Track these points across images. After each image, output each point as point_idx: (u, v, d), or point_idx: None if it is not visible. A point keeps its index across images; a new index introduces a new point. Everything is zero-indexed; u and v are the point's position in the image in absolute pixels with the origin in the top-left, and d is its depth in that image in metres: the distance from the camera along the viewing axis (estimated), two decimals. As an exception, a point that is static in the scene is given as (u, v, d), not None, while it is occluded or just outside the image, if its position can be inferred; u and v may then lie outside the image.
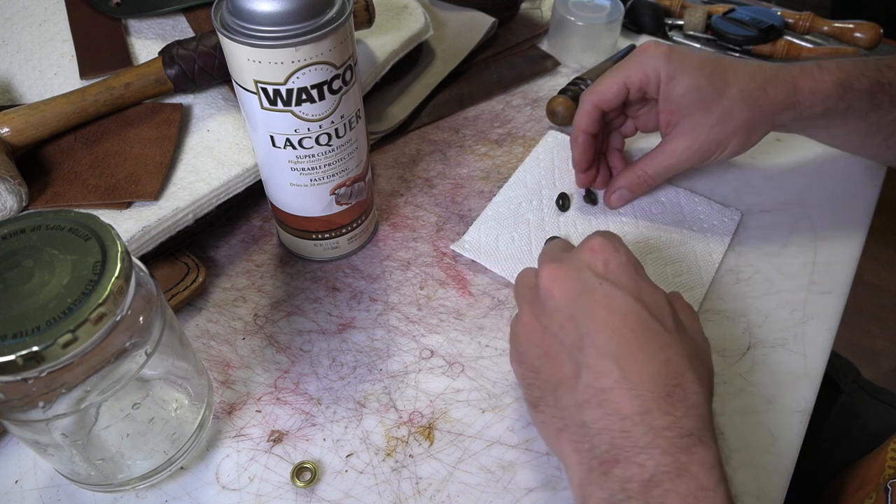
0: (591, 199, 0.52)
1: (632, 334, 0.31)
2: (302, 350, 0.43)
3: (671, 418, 0.29)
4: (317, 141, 0.39)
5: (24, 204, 0.42)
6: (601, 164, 0.52)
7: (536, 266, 0.37)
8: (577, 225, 0.50)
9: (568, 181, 0.53)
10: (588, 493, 0.30)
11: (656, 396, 0.29)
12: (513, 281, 0.46)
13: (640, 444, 0.28)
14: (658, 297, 0.33)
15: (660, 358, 0.30)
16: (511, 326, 0.37)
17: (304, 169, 0.40)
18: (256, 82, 0.36)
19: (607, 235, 0.35)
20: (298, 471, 0.37)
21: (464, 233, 0.49)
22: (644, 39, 0.69)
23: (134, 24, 0.54)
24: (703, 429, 0.29)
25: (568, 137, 0.56)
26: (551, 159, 0.55)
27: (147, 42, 0.52)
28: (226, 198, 0.45)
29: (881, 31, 0.68)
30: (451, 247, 0.48)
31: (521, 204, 0.51)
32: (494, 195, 0.52)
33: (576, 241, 0.49)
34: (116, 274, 0.27)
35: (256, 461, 0.38)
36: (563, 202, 0.51)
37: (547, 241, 0.47)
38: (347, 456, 0.38)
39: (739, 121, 0.45)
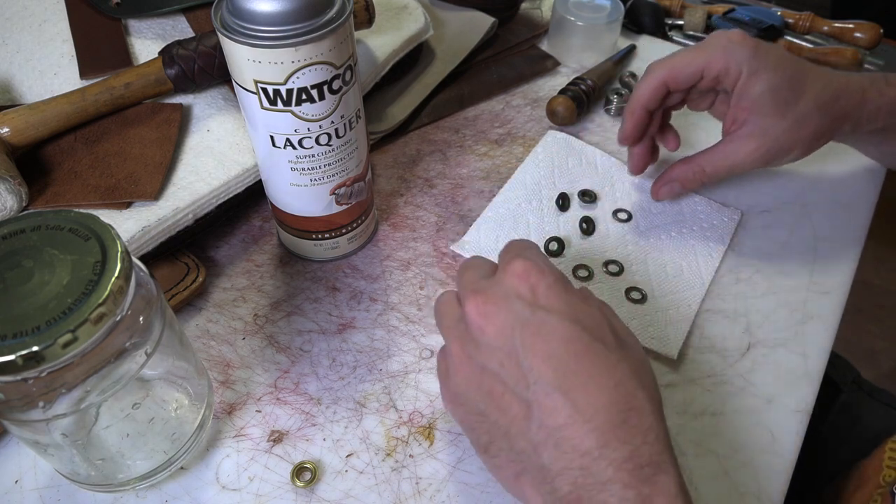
0: (590, 198, 0.52)
1: (576, 362, 0.29)
2: (302, 350, 0.43)
3: (630, 448, 0.28)
4: (317, 141, 0.39)
5: (24, 204, 0.42)
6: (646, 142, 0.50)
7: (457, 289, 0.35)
8: (578, 225, 0.50)
9: (568, 181, 0.53)
10: None
11: (612, 426, 0.28)
12: None
13: (601, 481, 0.27)
14: (593, 314, 0.32)
15: (609, 384, 0.29)
16: (438, 361, 0.35)
17: (304, 169, 0.40)
18: (256, 82, 0.36)
19: (527, 255, 0.33)
20: (298, 471, 0.37)
21: (464, 233, 0.49)
22: (644, 39, 0.69)
23: (134, 24, 0.54)
24: (662, 453, 0.28)
25: (567, 137, 0.56)
26: (551, 159, 0.55)
27: (147, 42, 0.52)
28: (226, 198, 0.45)
29: (881, 31, 0.68)
30: (451, 247, 0.48)
31: (521, 204, 0.51)
32: (494, 195, 0.52)
33: (576, 241, 0.49)
34: (116, 274, 0.27)
35: (256, 461, 0.38)
36: (562, 202, 0.51)
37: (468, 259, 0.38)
38: (347, 456, 0.38)
39: (810, 129, 0.44)
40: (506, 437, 0.31)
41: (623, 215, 0.51)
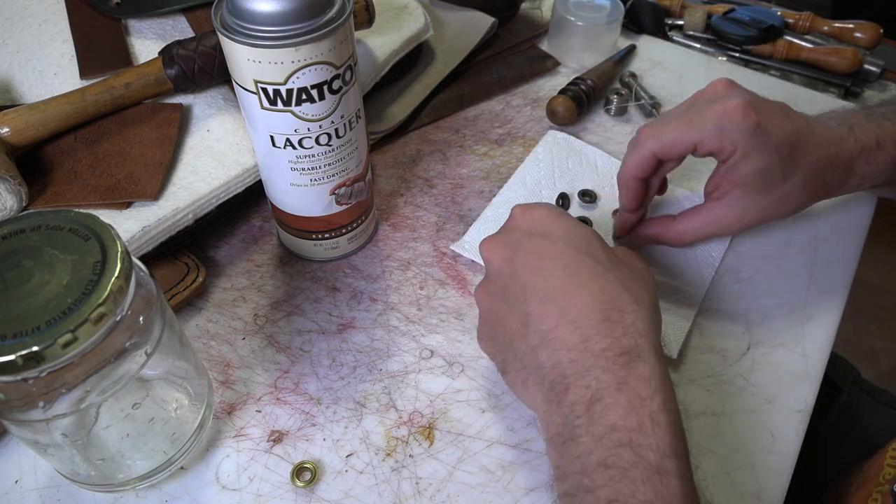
0: (590, 198, 0.52)
1: (565, 272, 0.33)
2: (302, 350, 0.43)
3: (610, 339, 0.31)
4: (317, 141, 0.39)
5: (24, 204, 0.42)
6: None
7: None
8: None
9: (568, 180, 0.53)
10: (549, 423, 0.32)
11: (595, 323, 0.32)
12: None
13: (584, 368, 0.31)
14: (585, 234, 0.35)
15: (593, 287, 0.33)
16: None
17: (304, 169, 0.40)
18: (256, 82, 0.36)
19: (525, 204, 0.38)
20: (298, 471, 0.37)
21: (464, 233, 0.49)
22: (644, 39, 0.69)
23: (134, 24, 0.54)
24: (642, 346, 0.31)
25: (567, 137, 0.56)
26: (551, 159, 0.55)
27: (147, 42, 0.52)
28: (226, 198, 0.45)
29: (881, 31, 0.68)
30: (451, 247, 0.48)
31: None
32: (494, 195, 0.52)
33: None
34: (116, 274, 0.27)
35: (256, 461, 0.38)
36: (562, 202, 0.51)
37: None
38: (347, 456, 0.38)
39: (794, 204, 0.43)
40: (511, 348, 0.35)
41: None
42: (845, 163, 0.43)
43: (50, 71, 0.50)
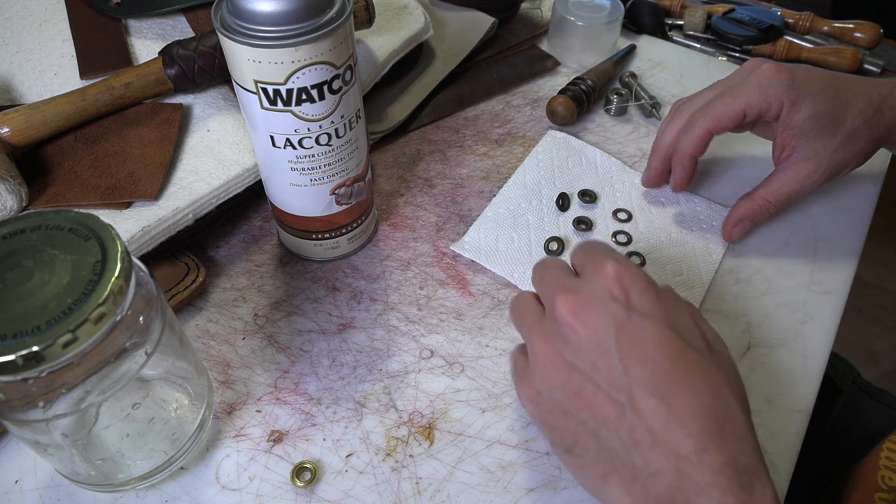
0: (590, 198, 0.52)
1: (672, 366, 0.30)
2: (302, 350, 0.43)
3: (727, 455, 0.28)
4: (317, 141, 0.39)
5: (24, 204, 0.42)
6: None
7: (531, 281, 0.35)
8: (577, 224, 0.50)
9: (568, 180, 0.53)
10: None
11: (709, 432, 0.28)
12: (513, 281, 0.46)
13: (699, 484, 0.28)
14: (685, 318, 0.32)
15: (705, 390, 0.29)
16: (515, 359, 0.36)
17: (304, 169, 0.40)
18: (256, 82, 0.36)
19: (618, 258, 0.33)
20: (298, 471, 0.37)
21: (464, 233, 0.49)
22: (644, 39, 0.69)
23: (134, 24, 0.54)
24: (758, 464, 0.29)
25: (567, 136, 0.56)
26: (551, 159, 0.55)
27: (147, 42, 0.52)
28: (226, 198, 0.45)
29: (881, 31, 0.68)
30: (451, 247, 0.48)
31: (521, 204, 0.51)
32: (494, 195, 0.52)
33: (575, 241, 0.49)
34: (116, 274, 0.27)
35: (256, 461, 0.38)
36: (562, 202, 0.51)
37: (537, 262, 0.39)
38: (347, 456, 0.38)
39: (861, 143, 0.44)
40: (594, 436, 0.31)
41: (623, 215, 0.51)
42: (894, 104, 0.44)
43: (50, 71, 0.50)
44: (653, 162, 0.50)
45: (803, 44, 0.68)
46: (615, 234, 0.50)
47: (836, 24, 0.69)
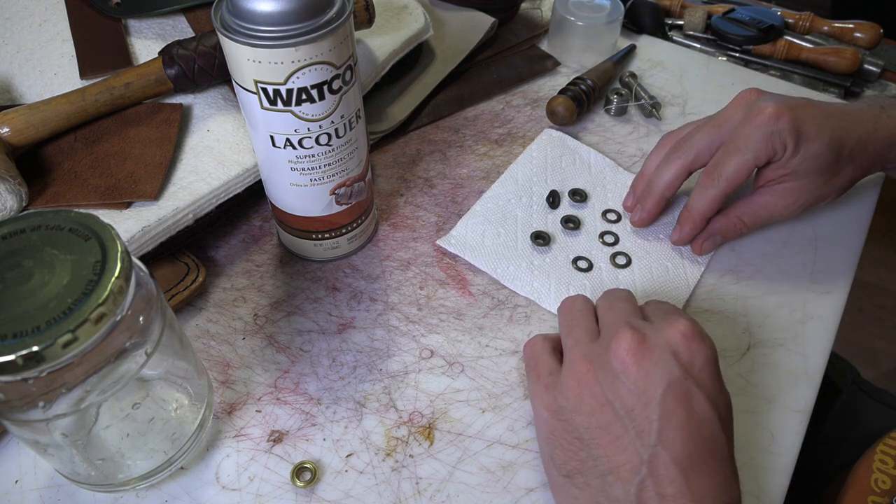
0: (580, 198, 0.51)
1: (704, 444, 0.30)
2: (302, 350, 0.43)
3: None
4: (317, 141, 0.39)
5: (24, 204, 0.42)
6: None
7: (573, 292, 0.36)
8: (565, 223, 0.50)
9: (560, 179, 0.53)
10: None
11: None
12: (496, 276, 0.46)
13: None
14: (726, 405, 0.32)
15: (723, 477, 0.30)
16: (540, 359, 0.36)
17: (304, 169, 0.40)
18: (256, 82, 0.36)
19: (691, 320, 0.33)
20: (298, 471, 0.37)
21: (462, 232, 0.49)
22: (644, 39, 0.69)
23: (134, 24, 0.54)
24: None
25: (562, 135, 0.56)
26: (544, 157, 0.55)
27: (147, 42, 0.52)
28: (226, 198, 0.45)
29: (881, 31, 0.68)
30: (437, 242, 0.48)
31: (511, 200, 0.51)
32: (491, 193, 0.52)
33: (573, 245, 0.49)
34: (116, 274, 0.27)
35: (256, 461, 0.38)
36: (552, 199, 0.51)
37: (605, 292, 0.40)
38: (347, 456, 0.38)
39: (845, 180, 0.45)
40: (600, 478, 0.31)
41: (612, 216, 0.51)
42: (885, 133, 0.45)
43: (50, 71, 0.50)
44: (647, 204, 0.48)
45: (803, 44, 0.68)
46: (602, 234, 0.50)
47: (836, 24, 0.69)
